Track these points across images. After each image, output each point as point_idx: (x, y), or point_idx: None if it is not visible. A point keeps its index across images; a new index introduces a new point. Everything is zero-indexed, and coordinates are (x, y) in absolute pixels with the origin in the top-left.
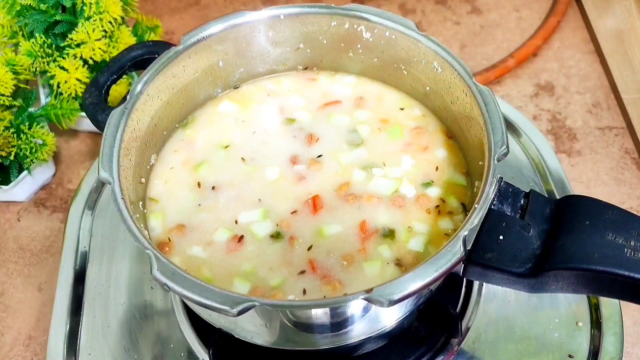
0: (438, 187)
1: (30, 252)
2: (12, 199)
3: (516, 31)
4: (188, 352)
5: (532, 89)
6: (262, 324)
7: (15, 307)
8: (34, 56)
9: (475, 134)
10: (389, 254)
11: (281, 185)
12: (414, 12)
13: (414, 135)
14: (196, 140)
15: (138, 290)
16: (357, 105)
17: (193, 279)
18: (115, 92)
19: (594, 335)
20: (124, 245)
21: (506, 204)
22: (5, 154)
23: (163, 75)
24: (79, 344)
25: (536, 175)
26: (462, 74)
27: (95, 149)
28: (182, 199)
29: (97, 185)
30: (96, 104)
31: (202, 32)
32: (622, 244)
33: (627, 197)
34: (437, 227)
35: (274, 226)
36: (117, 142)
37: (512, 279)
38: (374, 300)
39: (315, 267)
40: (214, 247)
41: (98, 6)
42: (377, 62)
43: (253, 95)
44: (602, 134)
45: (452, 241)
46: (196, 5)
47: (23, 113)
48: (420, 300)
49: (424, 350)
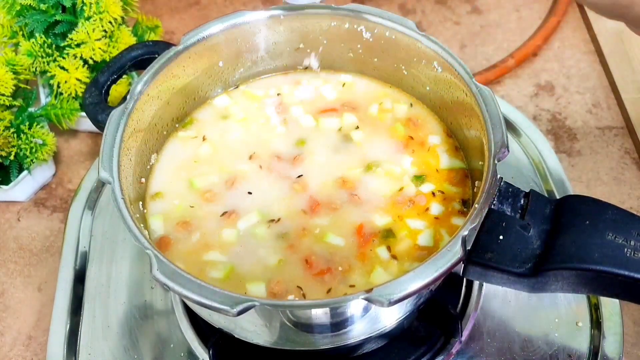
0: (438, 187)
1: (30, 252)
2: (12, 199)
3: (516, 31)
4: (188, 352)
5: (532, 89)
6: (262, 324)
7: (15, 307)
8: (34, 56)
9: (475, 134)
10: (388, 254)
11: (280, 186)
12: (414, 12)
13: (413, 135)
14: (196, 140)
15: (138, 290)
16: (356, 105)
17: (193, 279)
18: (115, 92)
19: (594, 335)
20: (124, 245)
21: (506, 204)
22: (5, 154)
23: (163, 75)
24: (79, 344)
25: (536, 175)
26: (462, 74)
27: (95, 149)
28: (181, 198)
29: (97, 185)
30: (96, 104)
31: (202, 32)
32: (622, 243)
33: (627, 197)
34: (436, 226)
35: (274, 226)
36: (117, 142)
37: (512, 279)
38: (374, 300)
39: (313, 267)
40: (213, 247)
41: (98, 6)
42: (377, 62)
43: (253, 95)
44: (602, 134)
45: (451, 241)
46: (196, 5)
47: (23, 113)
48: (420, 300)
49: (424, 350)
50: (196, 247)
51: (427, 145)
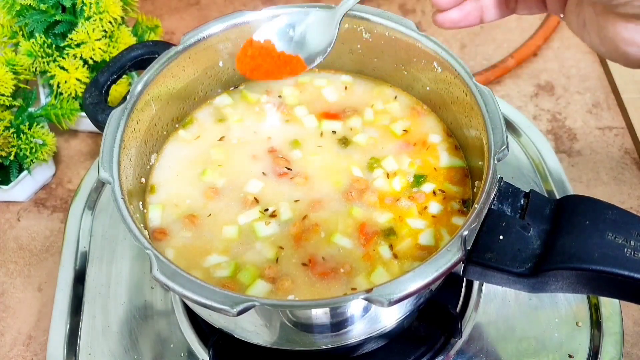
0: (438, 186)
1: (30, 252)
2: (12, 199)
3: (516, 31)
4: (188, 352)
5: (532, 89)
6: (262, 324)
7: (15, 307)
8: (34, 56)
9: (475, 134)
10: (390, 253)
11: (280, 186)
12: (414, 12)
13: (413, 134)
14: (196, 140)
15: (138, 290)
16: (356, 105)
17: (193, 279)
18: (115, 92)
19: (594, 335)
20: (124, 245)
21: (506, 204)
22: (5, 154)
23: (163, 75)
24: (79, 344)
25: (536, 175)
26: (462, 74)
27: (95, 149)
28: (181, 198)
29: (97, 185)
30: (96, 104)
31: (202, 32)
32: (622, 243)
33: (627, 197)
34: (437, 226)
35: (273, 226)
36: (117, 142)
37: (512, 279)
38: (374, 300)
39: (316, 266)
40: (214, 244)
41: (98, 6)
42: (377, 62)
43: (253, 95)
44: (602, 134)
45: (451, 241)
46: (196, 5)
47: (23, 113)
48: (420, 300)
49: (424, 350)
50: (196, 245)
51: (427, 144)
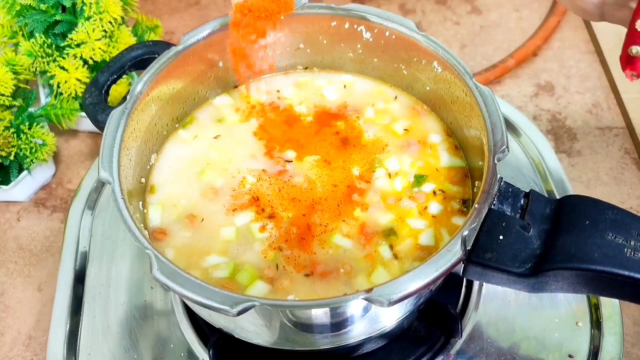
0: (438, 186)
1: (30, 252)
2: (12, 199)
3: (516, 31)
4: (188, 352)
5: (532, 89)
6: (262, 324)
7: (15, 307)
8: (34, 56)
9: (475, 134)
10: (390, 253)
11: (279, 185)
12: (414, 12)
13: (413, 134)
14: (196, 140)
15: (138, 290)
16: (356, 105)
17: (193, 279)
18: (115, 92)
19: (594, 335)
20: (124, 245)
21: (506, 204)
22: (5, 154)
23: (163, 75)
24: (79, 344)
25: (536, 175)
26: (462, 74)
27: (95, 149)
28: (181, 198)
29: (97, 185)
30: (96, 104)
31: (202, 32)
32: (622, 243)
33: (627, 197)
34: (437, 226)
35: (271, 226)
36: (117, 142)
37: (512, 279)
38: (374, 300)
39: (315, 266)
40: (213, 245)
41: (98, 6)
42: (377, 62)
43: (253, 95)
44: (602, 134)
45: (451, 241)
46: (196, 5)
47: (23, 113)
48: (420, 300)
49: (424, 350)
50: (196, 245)
51: (427, 144)
